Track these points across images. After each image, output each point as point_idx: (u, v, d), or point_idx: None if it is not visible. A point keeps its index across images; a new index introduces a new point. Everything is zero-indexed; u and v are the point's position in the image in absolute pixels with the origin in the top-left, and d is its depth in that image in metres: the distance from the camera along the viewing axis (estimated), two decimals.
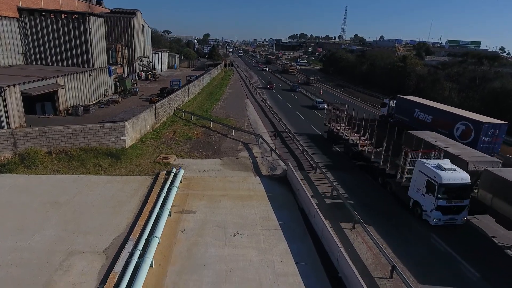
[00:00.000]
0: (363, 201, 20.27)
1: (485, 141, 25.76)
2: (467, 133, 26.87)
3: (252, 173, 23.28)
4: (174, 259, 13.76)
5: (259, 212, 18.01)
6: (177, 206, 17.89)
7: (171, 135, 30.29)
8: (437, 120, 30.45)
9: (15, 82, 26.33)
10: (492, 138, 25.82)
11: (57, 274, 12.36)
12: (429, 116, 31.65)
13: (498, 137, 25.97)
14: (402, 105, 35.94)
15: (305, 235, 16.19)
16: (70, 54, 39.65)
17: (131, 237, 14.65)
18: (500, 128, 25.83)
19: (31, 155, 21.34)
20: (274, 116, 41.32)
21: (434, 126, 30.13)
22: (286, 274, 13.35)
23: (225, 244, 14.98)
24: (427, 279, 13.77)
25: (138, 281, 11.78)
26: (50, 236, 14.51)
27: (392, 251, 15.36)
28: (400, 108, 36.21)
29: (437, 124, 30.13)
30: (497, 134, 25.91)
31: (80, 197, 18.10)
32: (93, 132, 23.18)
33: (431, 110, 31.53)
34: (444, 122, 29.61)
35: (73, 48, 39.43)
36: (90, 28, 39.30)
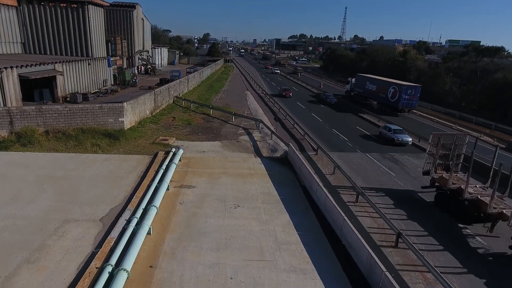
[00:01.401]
0: (366, 179, 19.87)
1: (405, 98, 39.46)
2: (395, 93, 40.56)
3: (253, 154, 22.89)
4: (172, 228, 13.37)
5: (260, 188, 17.61)
6: (176, 182, 17.50)
7: (171, 120, 29.92)
8: (379, 88, 44.15)
9: (13, 65, 25.98)
10: (410, 96, 39.83)
11: (52, 239, 11.96)
12: (374, 86, 45.25)
13: (414, 95, 39.98)
14: (359, 81, 49.97)
15: (307, 208, 15.80)
16: (69, 43, 39.30)
17: (129, 206, 14.26)
18: (415, 89, 40.04)
19: (28, 133, 20.96)
20: (275, 105, 40.96)
21: (378, 92, 44.30)
22: (288, 243, 12.95)
23: (225, 216, 14.58)
24: (432, 247, 13.39)
25: (134, 245, 11.38)
26: (45, 206, 14.11)
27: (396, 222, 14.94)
28: (357, 83, 50.27)
29: (379, 91, 43.95)
30: (413, 93, 39.93)
31: (77, 172, 17.70)
32: (91, 112, 22.81)
33: (376, 81, 45.38)
34: (382, 88, 43.21)
35: (72, 37, 39.07)
36: (89, 17, 38.98)
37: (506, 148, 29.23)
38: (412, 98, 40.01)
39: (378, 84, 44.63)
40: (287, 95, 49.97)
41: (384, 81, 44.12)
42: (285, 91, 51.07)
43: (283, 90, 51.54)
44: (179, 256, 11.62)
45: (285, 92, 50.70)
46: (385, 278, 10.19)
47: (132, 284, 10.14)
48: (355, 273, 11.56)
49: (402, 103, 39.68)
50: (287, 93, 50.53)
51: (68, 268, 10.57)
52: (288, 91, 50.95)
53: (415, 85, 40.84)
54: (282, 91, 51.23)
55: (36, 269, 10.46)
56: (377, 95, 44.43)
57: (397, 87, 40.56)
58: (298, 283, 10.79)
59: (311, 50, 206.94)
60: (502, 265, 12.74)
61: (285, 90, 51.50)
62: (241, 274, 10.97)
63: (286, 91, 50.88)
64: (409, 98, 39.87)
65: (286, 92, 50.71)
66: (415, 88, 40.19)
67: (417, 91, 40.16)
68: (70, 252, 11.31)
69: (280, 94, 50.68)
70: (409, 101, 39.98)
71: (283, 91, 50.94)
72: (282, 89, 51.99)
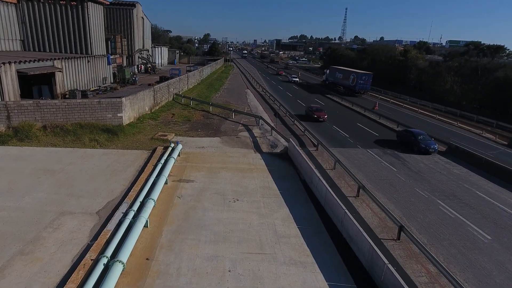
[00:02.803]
0: (367, 173, 19.62)
1: (361, 83, 51.35)
2: (354, 79, 52.29)
3: (252, 150, 22.65)
4: (170, 221, 13.13)
5: (260, 182, 17.37)
6: (174, 176, 17.26)
7: (170, 117, 29.70)
8: (344, 76, 56.24)
9: (11, 61, 25.79)
10: (365, 81, 51.54)
11: (47, 231, 11.73)
12: (341, 74, 57.51)
13: (367, 81, 51.71)
14: (331, 71, 62.57)
15: (307, 202, 15.56)
16: (68, 41, 39.11)
17: (126, 200, 14.02)
18: (368, 76, 51.97)
19: (25, 128, 20.74)
20: (275, 103, 40.74)
21: (343, 80, 56.22)
22: (288, 236, 12.70)
23: (224, 209, 14.34)
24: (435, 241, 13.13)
25: (131, 238, 11.14)
26: (41, 199, 13.88)
27: (398, 215, 14.69)
28: (330, 74, 62.85)
29: (344, 78, 55.81)
30: (367, 79, 51.61)
31: (74, 166, 17.47)
32: (89, 107, 22.59)
33: (342, 71, 58.03)
34: (346, 76, 55.28)
35: (71, 34, 38.87)
36: (88, 15, 38.80)
37: (508, 144, 28.97)
38: (366, 83, 51.72)
39: (343, 73, 56.64)
40: (320, 117, 32.48)
41: (347, 70, 56.50)
42: (316, 111, 33.18)
43: (314, 110, 33.57)
44: (176, 249, 11.38)
45: (316, 113, 32.89)
46: (388, 271, 9.94)
47: (128, 276, 9.91)
48: (356, 265, 11.32)
49: (359, 87, 51.72)
50: (321, 114, 32.79)
51: (62, 260, 10.33)
52: (321, 113, 33.19)
53: (368, 73, 52.97)
54: (313, 111, 33.41)
55: (30, 260, 10.22)
56: (343, 82, 56.38)
57: (355, 74, 52.40)
58: (298, 275, 10.54)
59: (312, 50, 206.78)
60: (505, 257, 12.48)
61: (316, 110, 33.54)
62: (240, 267, 10.72)
63: (319, 112, 33.11)
64: (363, 83, 51.59)
65: (318, 113, 32.93)
66: (368, 75, 52.05)
67: (370, 77, 51.94)
68: (65, 244, 11.08)
69: (308, 115, 33.80)
70: (364, 85, 51.89)
71: (313, 112, 33.21)
72: (312, 109, 33.86)
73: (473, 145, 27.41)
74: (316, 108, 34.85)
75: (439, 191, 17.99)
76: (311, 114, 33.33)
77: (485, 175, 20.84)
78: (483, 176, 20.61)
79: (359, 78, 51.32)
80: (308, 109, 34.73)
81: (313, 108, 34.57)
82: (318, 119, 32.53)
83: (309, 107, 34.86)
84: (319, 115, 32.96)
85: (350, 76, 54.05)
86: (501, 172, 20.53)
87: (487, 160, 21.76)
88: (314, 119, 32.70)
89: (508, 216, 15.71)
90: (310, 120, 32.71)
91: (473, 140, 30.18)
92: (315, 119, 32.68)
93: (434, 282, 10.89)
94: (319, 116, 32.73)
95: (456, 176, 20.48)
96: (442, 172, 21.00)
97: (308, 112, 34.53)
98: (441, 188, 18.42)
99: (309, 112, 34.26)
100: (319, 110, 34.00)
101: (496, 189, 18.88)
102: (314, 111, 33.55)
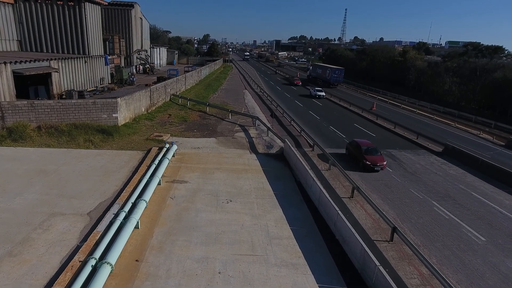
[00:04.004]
0: (362, 174, 19.52)
1: (334, 76, 62.27)
2: (329, 74, 63.48)
3: (248, 150, 22.55)
4: (162, 222, 13.03)
5: (254, 183, 17.27)
6: (168, 177, 17.17)
7: (166, 117, 29.61)
8: (322, 71, 67.61)
9: (6, 61, 25.71)
10: (338, 75, 62.61)
11: (36, 232, 11.63)
12: (320, 70, 69.37)
13: (340, 74, 62.81)
14: (313, 68, 75.59)
15: (301, 203, 15.46)
16: (66, 41, 39.04)
17: (118, 201, 13.93)
18: (341, 70, 63.13)
19: (19, 129, 20.65)
20: (272, 103, 40.66)
21: (322, 74, 67.11)
22: (281, 237, 12.60)
23: (216, 210, 14.24)
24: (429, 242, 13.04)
25: (120, 239, 11.04)
26: (32, 200, 13.79)
27: (392, 217, 14.59)
28: (312, 69, 75.49)
29: (322, 73, 66.95)
30: (340, 73, 62.69)
31: (67, 167, 17.38)
32: (84, 108, 22.50)
33: (321, 67, 70.43)
34: (323, 71, 66.78)
35: (68, 35, 38.81)
36: (86, 15, 38.74)
37: (505, 145, 28.89)
38: (338, 76, 62.97)
39: (322, 69, 68.77)
40: (377, 164, 19.82)
41: (325, 66, 68.87)
42: (369, 154, 20.42)
43: (364, 151, 20.59)
44: (166, 250, 11.28)
45: (370, 157, 20.15)
46: (379, 272, 9.84)
47: (116, 278, 9.81)
48: (348, 267, 11.22)
49: (332, 80, 62.86)
50: (377, 160, 20.05)
51: (50, 262, 10.23)
52: (378, 157, 20.39)
53: (341, 68, 64.90)
54: (361, 152, 20.65)
55: (18, 262, 10.12)
56: (321, 76, 67.22)
57: (330, 69, 64.09)
58: (289, 277, 10.44)
59: (311, 51, 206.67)
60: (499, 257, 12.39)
61: (368, 152, 20.57)
62: (230, 269, 10.62)
63: (373, 156, 20.29)
64: (337, 76, 62.77)
65: (372, 157, 20.15)
66: (340, 70, 63.59)
67: (342, 72, 63.39)
68: (54, 246, 10.98)
69: (354, 156, 21.50)
70: (337, 78, 63.08)
71: (363, 152, 20.53)
72: (360, 148, 21.00)
73: (470, 146, 27.33)
74: (368, 147, 20.66)
75: (434, 192, 17.90)
76: (359, 156, 20.29)
77: (481, 176, 20.75)
78: (479, 177, 20.52)
79: (333, 72, 62.63)
80: (354, 148, 21.43)
81: (361, 145, 20.86)
82: (373, 168, 19.21)
83: (355, 144, 21.54)
84: (374, 160, 19.51)
85: (326, 71, 65.16)
86: (498, 173, 20.43)
87: (484, 161, 21.66)
88: (366, 167, 19.52)
89: (503, 218, 15.62)
90: (357, 166, 20.28)
91: (471, 141, 30.08)
92: (367, 167, 19.44)
93: (426, 284, 10.80)
94: (375, 163, 19.32)
95: (452, 177, 20.39)
96: (438, 173, 20.91)
97: (352, 150, 21.54)
98: (436, 189, 18.33)
99: (354, 151, 21.26)
100: (372, 152, 20.24)
101: (492, 190, 18.79)
102: (365, 153, 20.15)
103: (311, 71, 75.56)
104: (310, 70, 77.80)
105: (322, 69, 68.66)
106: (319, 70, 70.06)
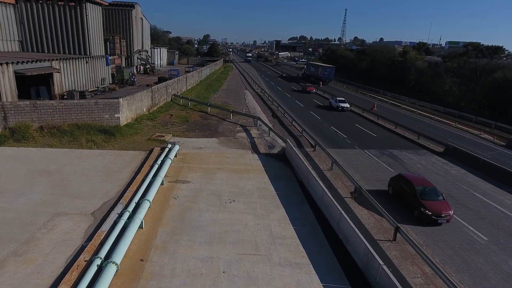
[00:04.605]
0: (364, 174, 19.58)
1: (325, 74, 68.69)
2: (321, 71, 69.81)
3: (250, 150, 22.61)
4: (165, 222, 13.08)
5: (256, 183, 17.32)
6: (171, 177, 17.21)
7: (168, 117, 29.67)
8: (315, 69, 73.78)
9: (8, 61, 25.75)
10: (329, 73, 69.26)
11: (41, 232, 11.68)
12: (313, 68, 75.64)
13: (331, 72, 69.41)
14: (307, 66, 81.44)
15: (303, 203, 15.51)
16: (67, 41, 39.07)
17: (121, 200, 13.97)
18: (331, 68, 70.18)
19: (22, 129, 20.70)
20: (273, 103, 40.71)
21: (315, 72, 73.03)
22: (284, 237, 12.65)
23: (219, 210, 14.29)
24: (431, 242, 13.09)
25: (125, 239, 11.09)
26: (35, 200, 13.83)
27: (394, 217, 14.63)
28: (307, 68, 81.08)
29: (315, 71, 73.07)
30: (330, 71, 69.53)
31: (70, 167, 17.43)
32: (86, 108, 22.55)
33: (314, 65, 77.47)
34: (316, 69, 73.21)
35: (69, 35, 38.84)
36: (87, 15, 38.79)
37: (506, 145, 28.96)
38: (329, 74, 69.29)
39: (315, 67, 75.33)
40: (442, 214, 14.30)
41: (317, 65, 76.67)
42: (430, 201, 14.86)
43: (422, 196, 15.15)
44: (171, 250, 11.33)
45: (432, 205, 14.63)
46: (383, 272, 9.89)
47: (121, 278, 9.85)
48: (352, 267, 11.27)
49: (324, 77, 68.75)
50: (441, 209, 14.47)
51: (56, 261, 10.28)
52: (445, 206, 14.72)
53: (331, 66, 71.85)
54: (418, 201, 14.96)
55: (23, 261, 10.16)
56: (314, 73, 73.39)
57: (322, 68, 70.68)
58: (293, 277, 10.49)
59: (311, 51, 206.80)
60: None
61: (426, 195, 15.20)
62: (234, 268, 10.67)
63: (440, 206, 14.62)
64: (328, 74, 69.10)
65: (438, 207, 14.54)
66: (331, 68, 70.29)
67: (332, 70, 69.96)
68: (59, 245, 11.03)
69: (412, 204, 15.42)
70: (328, 76, 69.41)
71: (420, 201, 14.90)
72: (414, 190, 15.46)
73: (471, 146, 27.38)
74: (424, 187, 15.56)
75: None
76: (413, 201, 15.20)
77: (482, 176, 20.80)
78: (481, 177, 20.58)
79: (324, 70, 69.11)
80: (403, 186, 16.11)
81: (414, 184, 15.64)
82: (436, 221, 14.22)
83: (404, 181, 16.26)
84: (438, 209, 14.40)
85: (318, 69, 71.64)
86: (499, 173, 20.49)
87: (485, 161, 21.72)
88: (425, 217, 14.38)
89: (505, 217, 15.68)
90: (408, 212, 15.38)
91: (472, 141, 30.15)
92: (427, 218, 14.32)
93: (430, 283, 10.85)
94: (438, 213, 14.26)
95: (453, 177, 20.45)
96: (440, 173, 20.96)
97: (400, 190, 16.30)
98: (438, 189, 18.33)
99: (403, 191, 16.04)
100: (431, 195, 15.20)
101: (493, 190, 18.85)
102: (422, 197, 15.03)
103: (306, 69, 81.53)
104: (304, 68, 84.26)
105: (315, 67, 74.98)
106: (312, 68, 76.10)
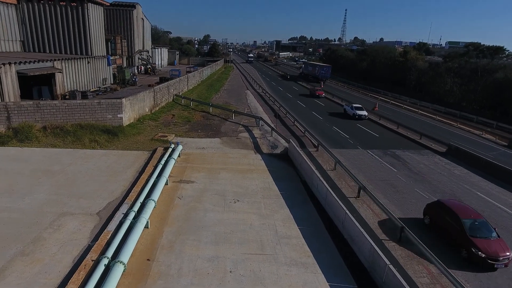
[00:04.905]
0: (367, 174, 19.61)
1: (322, 72, 70.33)
2: (318, 70, 71.65)
3: (253, 150, 22.63)
4: (171, 221, 13.10)
5: (260, 183, 17.35)
6: (174, 177, 17.24)
7: (170, 117, 29.69)
8: (312, 68, 75.90)
9: (11, 61, 25.77)
10: (325, 71, 70.81)
11: (47, 232, 11.70)
12: (311, 67, 77.94)
13: (327, 71, 70.96)
14: (305, 65, 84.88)
15: (307, 203, 15.54)
16: (68, 42, 39.09)
17: (126, 200, 14.00)
18: (328, 67, 72.00)
19: (25, 129, 20.71)
20: (275, 103, 40.74)
21: (312, 71, 75.27)
22: (289, 237, 12.68)
23: (224, 210, 14.32)
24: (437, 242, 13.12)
25: (131, 238, 11.12)
26: (41, 200, 13.85)
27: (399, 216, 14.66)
28: (304, 67, 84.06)
29: (313, 70, 75.03)
30: (327, 70, 71.13)
31: (74, 167, 17.45)
32: (89, 108, 22.57)
33: (311, 65, 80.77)
34: (313, 68, 75.53)
35: (71, 35, 38.85)
36: (88, 16, 38.81)
37: (508, 145, 29.00)
38: (326, 72, 70.83)
39: (312, 66, 78.43)
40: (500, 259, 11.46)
41: (314, 64, 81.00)
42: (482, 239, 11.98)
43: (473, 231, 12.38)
44: (177, 249, 11.36)
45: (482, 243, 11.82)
46: (389, 271, 9.92)
47: (129, 277, 9.88)
48: (357, 266, 11.29)
49: (320, 76, 69.79)
50: (498, 252, 11.60)
51: (63, 261, 10.30)
52: (502, 244, 12.00)
53: (328, 65, 74.23)
54: (492, 253, 11.65)
55: (31, 261, 10.19)
56: (311, 72, 75.52)
57: (319, 67, 73.23)
58: (299, 276, 10.52)
59: (312, 51, 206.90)
60: None
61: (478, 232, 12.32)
62: (241, 268, 10.70)
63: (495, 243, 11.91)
64: (324, 73, 70.61)
65: (495, 246, 11.75)
66: (328, 67, 72.12)
67: (329, 68, 71.50)
68: (65, 245, 11.05)
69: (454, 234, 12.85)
70: (325, 75, 70.59)
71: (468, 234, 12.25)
72: (472, 224, 12.66)
73: (473, 146, 27.42)
74: (473, 221, 12.86)
75: (439, 192, 17.98)
76: (460, 239, 12.51)
77: (485, 176, 20.84)
78: (484, 177, 20.61)
79: (321, 69, 71.29)
80: (445, 217, 13.43)
81: (459, 216, 12.96)
82: (492, 265, 11.62)
83: (446, 210, 13.56)
84: (494, 250, 11.77)
85: (315, 68, 74.23)
86: (502, 173, 20.53)
87: (487, 161, 21.76)
88: (477, 259, 11.80)
89: (508, 217, 15.71)
90: (452, 250, 12.78)
91: (473, 141, 30.19)
92: (479, 260, 11.74)
93: (436, 282, 10.88)
94: (495, 256, 11.63)
95: (456, 177, 20.48)
96: (443, 173, 21.00)
97: (441, 222, 13.59)
98: (441, 189, 18.42)
99: (446, 224, 13.32)
100: (482, 230, 12.61)
101: (496, 190, 18.89)
102: (472, 234, 12.38)
103: (304, 68, 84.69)
104: (302, 68, 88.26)
105: (312, 66, 77.95)
106: (310, 67, 78.61)
